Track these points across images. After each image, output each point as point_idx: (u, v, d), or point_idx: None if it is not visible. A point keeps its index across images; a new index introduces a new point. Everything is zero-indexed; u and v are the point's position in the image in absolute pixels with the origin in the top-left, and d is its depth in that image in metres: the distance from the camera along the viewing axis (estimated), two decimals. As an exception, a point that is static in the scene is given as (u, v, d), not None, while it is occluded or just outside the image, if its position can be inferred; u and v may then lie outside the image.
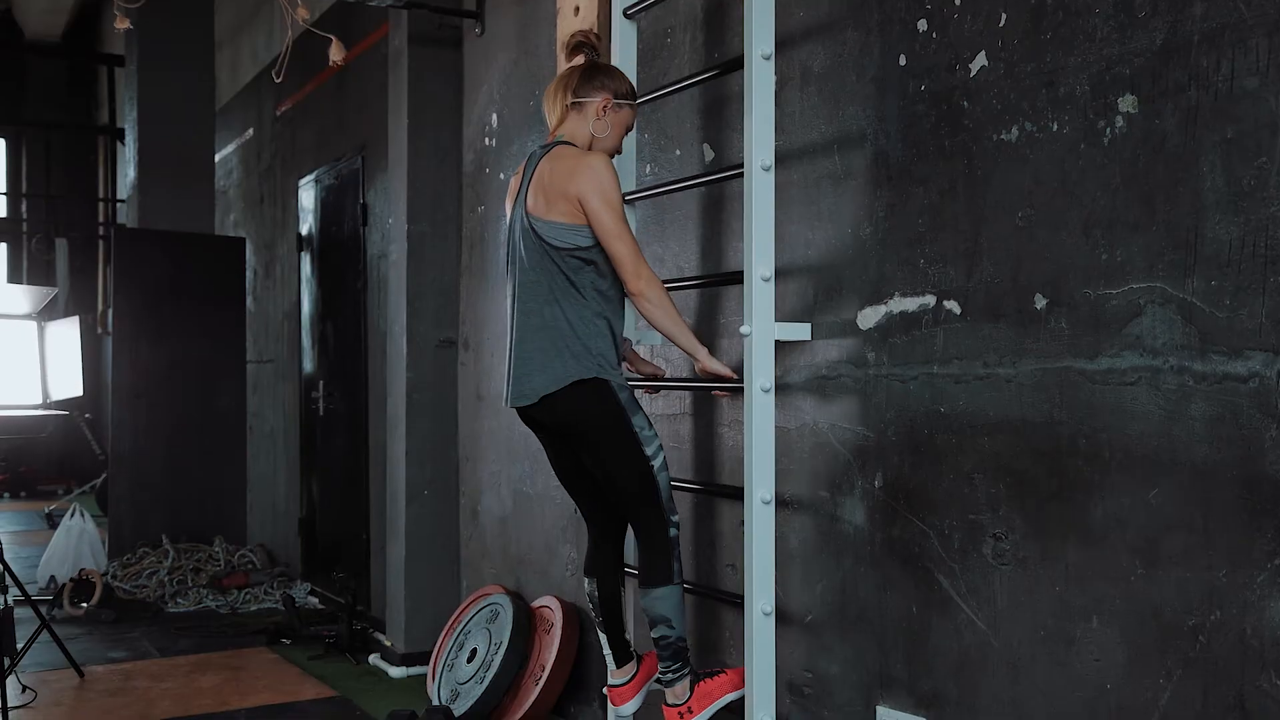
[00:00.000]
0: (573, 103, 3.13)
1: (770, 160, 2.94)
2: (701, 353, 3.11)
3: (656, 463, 3.01)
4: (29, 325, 5.32)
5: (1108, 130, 2.30)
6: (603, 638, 3.28)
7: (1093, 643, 2.31)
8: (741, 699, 3.01)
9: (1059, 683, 2.38)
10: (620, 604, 3.24)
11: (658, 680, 3.14)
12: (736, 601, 3.02)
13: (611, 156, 3.13)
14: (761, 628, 2.93)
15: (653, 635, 3.10)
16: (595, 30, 3.30)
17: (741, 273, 2.99)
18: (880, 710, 2.82)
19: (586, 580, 3.27)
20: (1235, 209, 2.07)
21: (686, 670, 3.07)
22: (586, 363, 2.97)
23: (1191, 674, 2.13)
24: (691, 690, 3.07)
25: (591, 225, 2.98)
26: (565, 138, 3.12)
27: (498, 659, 4.11)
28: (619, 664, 3.24)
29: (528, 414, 3.12)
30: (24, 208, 15.09)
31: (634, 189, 3.54)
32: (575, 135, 3.12)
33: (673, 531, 3.03)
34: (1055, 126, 2.40)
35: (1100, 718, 2.30)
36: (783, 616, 3.07)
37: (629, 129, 3.23)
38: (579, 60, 3.24)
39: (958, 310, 2.63)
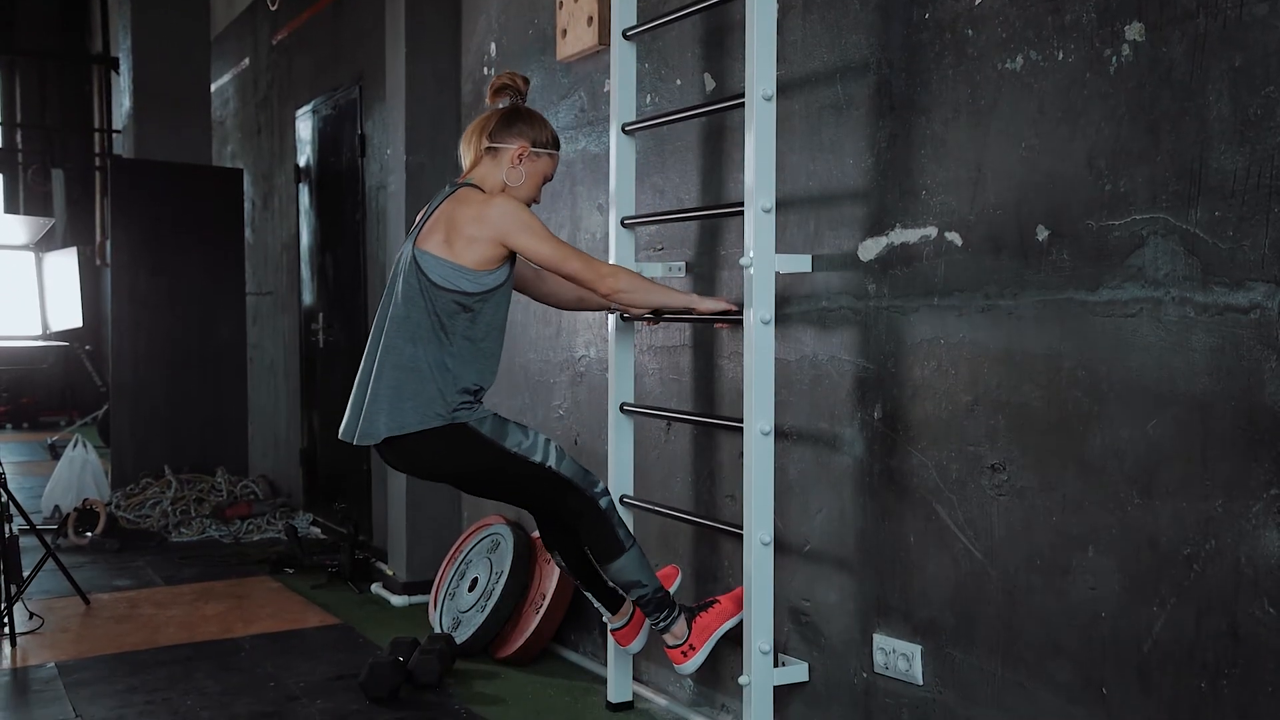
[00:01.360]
0: (488, 147, 3.06)
1: (772, 90, 2.91)
2: (694, 301, 3.10)
3: (551, 460, 2.98)
4: (27, 256, 5.30)
5: (1114, 59, 2.27)
6: (588, 595, 3.31)
7: (1088, 572, 2.34)
8: (739, 625, 3.06)
9: (1054, 611, 2.41)
10: (590, 562, 3.23)
11: (654, 628, 3.18)
12: (736, 532, 3.04)
13: (528, 205, 3.06)
14: (760, 557, 2.96)
15: (630, 598, 3.14)
16: (524, 75, 3.23)
17: (742, 204, 2.97)
18: (877, 638, 2.86)
19: (551, 554, 3.28)
20: (1241, 139, 2.05)
21: (677, 612, 3.11)
22: (438, 408, 2.89)
23: (1185, 602, 2.16)
24: (689, 628, 3.12)
25: (533, 261, 2.96)
26: (475, 181, 3.05)
27: (499, 588, 4.15)
28: (613, 612, 3.28)
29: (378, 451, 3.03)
30: (19, 138, 14.97)
31: (634, 119, 3.50)
32: (485, 180, 3.05)
33: (603, 502, 3.03)
34: (1060, 55, 2.38)
35: (1094, 645, 2.33)
36: (781, 546, 3.10)
37: (548, 178, 3.14)
38: (502, 103, 3.14)
39: (959, 242, 2.62)
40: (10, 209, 14.24)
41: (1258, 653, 2.04)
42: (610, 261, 3.55)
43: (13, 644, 4.36)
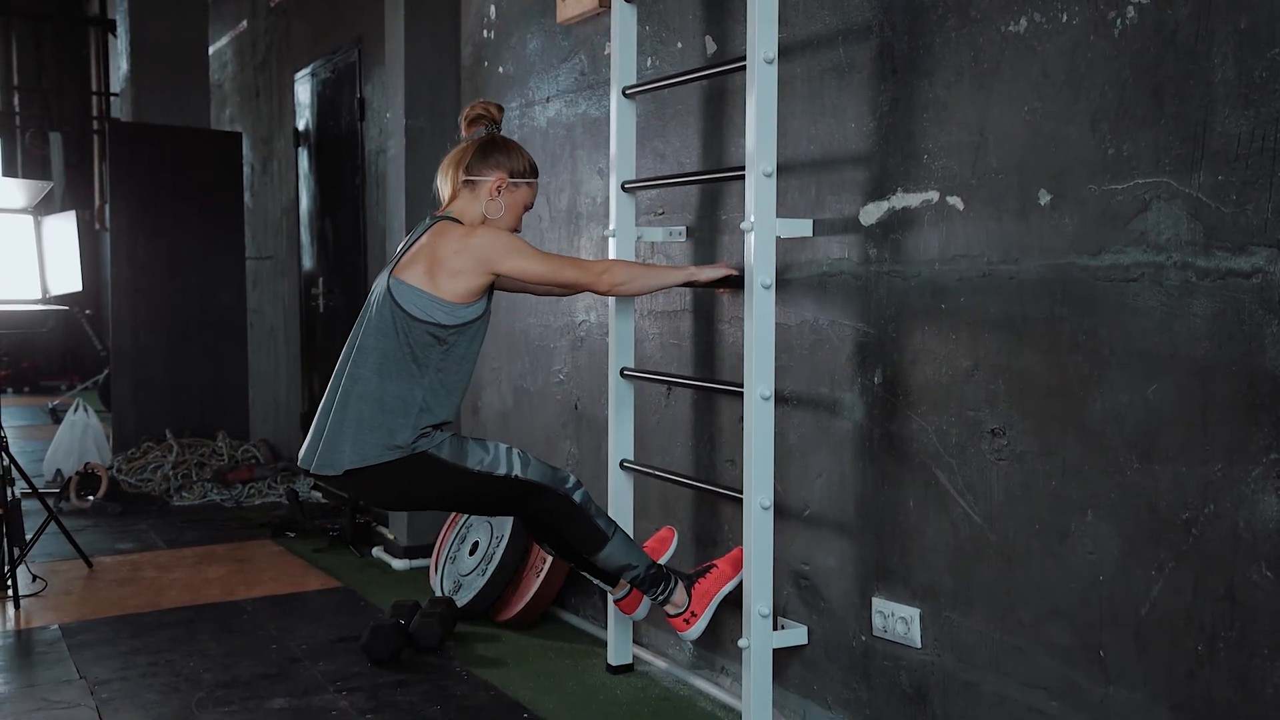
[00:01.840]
0: (465, 180, 3.03)
1: (773, 53, 2.89)
2: (694, 273, 3.10)
3: (516, 469, 2.97)
4: (25, 219, 5.28)
5: (1118, 21, 2.26)
6: (585, 575, 3.32)
7: (1087, 536, 2.35)
8: (739, 588, 3.07)
9: (1053, 575, 2.42)
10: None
11: (653, 602, 3.19)
12: (736, 496, 3.05)
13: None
14: (760, 522, 2.97)
15: (624, 580, 3.16)
16: (498, 103, 3.21)
17: (743, 168, 2.96)
18: (876, 601, 2.87)
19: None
20: (1245, 102, 2.04)
21: (674, 582, 3.13)
22: (400, 440, 2.86)
23: (1183, 566, 2.17)
24: (689, 595, 3.13)
25: (527, 280, 2.98)
26: (454, 214, 3.02)
27: (499, 552, 4.17)
28: (612, 586, 3.29)
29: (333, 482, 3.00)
30: (16, 101, 14.89)
31: (634, 83, 3.48)
32: (465, 213, 3.02)
33: (577, 496, 3.03)
34: (1065, 17, 2.36)
35: (1092, 608, 2.34)
36: (781, 511, 3.11)
37: (528, 207, 3.12)
38: (476, 133, 3.12)
39: (961, 206, 2.61)
40: (8, 172, 14.19)
41: (1255, 616, 2.05)
42: (610, 226, 3.54)
43: (16, 606, 4.38)
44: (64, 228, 5.37)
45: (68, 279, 5.34)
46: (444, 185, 3.09)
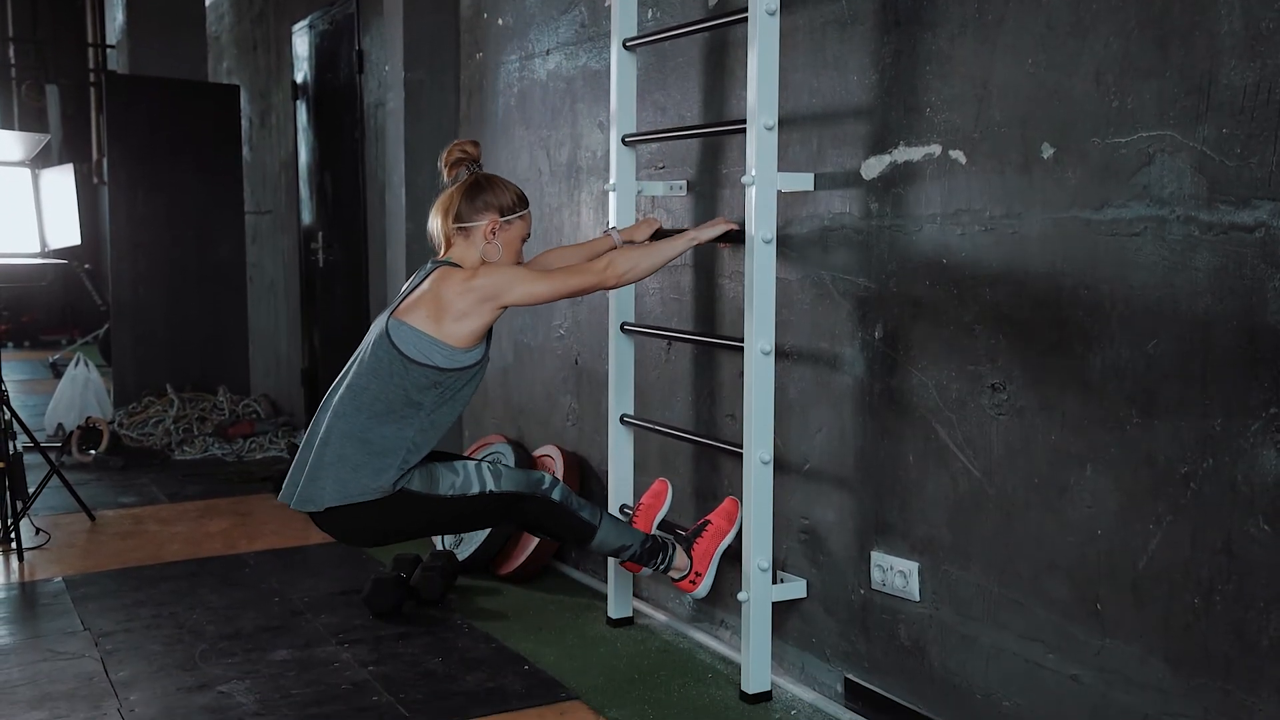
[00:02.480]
0: (458, 229, 3.00)
1: (775, 4, 2.86)
2: (692, 237, 3.08)
3: (489, 484, 2.97)
4: (23, 172, 5.25)
5: (1124, -28, 2.23)
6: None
7: (1086, 490, 2.35)
8: (738, 540, 3.09)
9: (1051, 529, 2.43)
10: None
11: (656, 572, 3.22)
12: (736, 450, 3.06)
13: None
14: (760, 476, 2.98)
15: (621, 561, 3.19)
16: (472, 139, 3.19)
17: (744, 121, 2.94)
18: (875, 555, 2.89)
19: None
20: (1252, 53, 2.02)
21: (672, 549, 3.15)
22: (385, 480, 2.87)
23: (1181, 519, 2.18)
24: (689, 557, 3.15)
25: (538, 303, 3.04)
26: (454, 260, 3.00)
27: (500, 505, 4.18)
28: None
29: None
30: (11, 52, 14.77)
31: (635, 34, 3.45)
32: (464, 259, 3.00)
33: (555, 495, 3.03)
34: (1070, -32, 2.33)
35: (1089, 562, 2.35)
36: (781, 465, 3.12)
37: (525, 238, 3.09)
38: (459, 175, 3.09)
39: (963, 160, 2.59)
40: (5, 124, 14.11)
41: (1251, 569, 2.06)
42: (610, 181, 3.53)
43: (20, 559, 4.41)
44: (62, 181, 5.34)
45: (66, 232, 5.33)
46: (437, 233, 3.07)
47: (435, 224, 3.06)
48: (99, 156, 12.07)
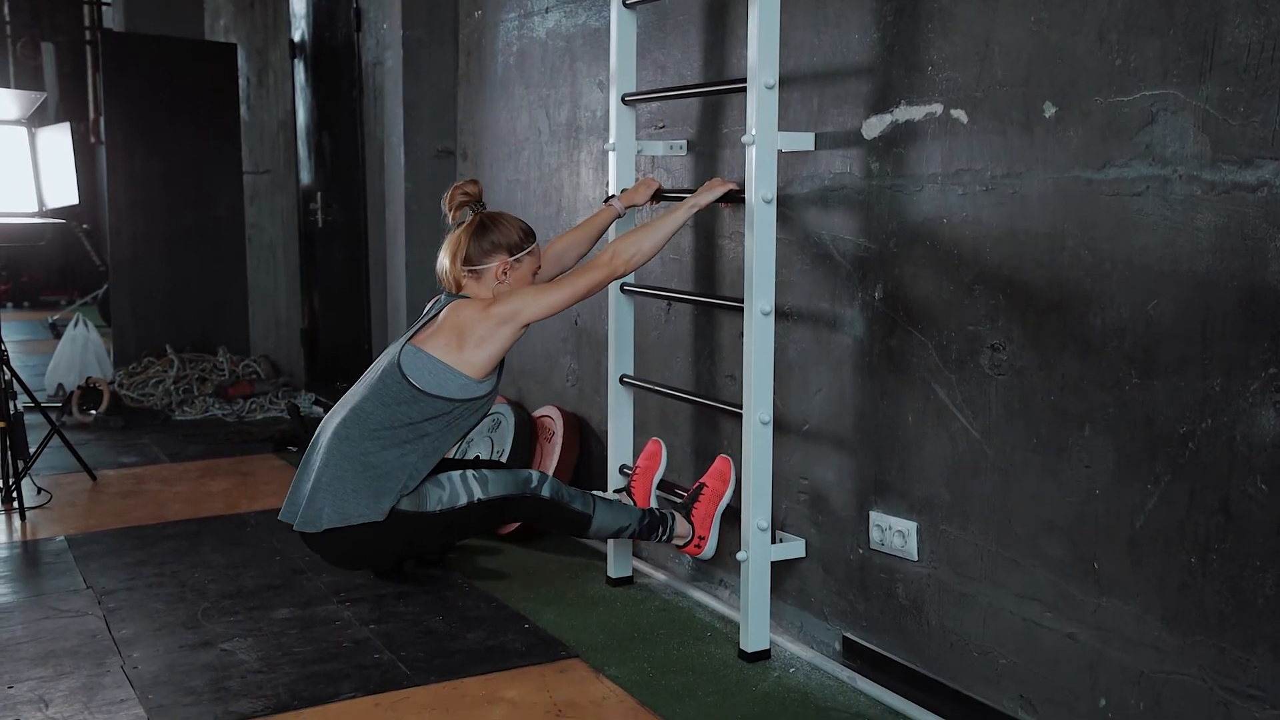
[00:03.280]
0: (468, 272, 3.07)
1: (777, -40, 2.83)
2: (692, 204, 3.09)
3: (477, 493, 3.02)
4: (19, 131, 5.22)
5: (1129, -72, 2.21)
6: None
7: (1084, 450, 2.36)
8: (736, 498, 3.10)
9: (1049, 488, 2.44)
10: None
11: (659, 543, 3.25)
12: (735, 411, 3.06)
13: None
14: (759, 436, 2.98)
15: (623, 539, 3.26)
16: (471, 178, 3.22)
17: (745, 80, 2.92)
18: (873, 515, 2.90)
19: None
20: (1257, 9, 2.00)
21: (672, 520, 3.19)
22: (385, 504, 2.93)
23: (1179, 479, 2.18)
24: (690, 523, 3.18)
25: (557, 312, 3.03)
26: (468, 295, 3.08)
27: (500, 466, 4.20)
28: None
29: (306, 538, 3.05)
30: (6, 10, 14.63)
31: (636, -9, 3.43)
32: (477, 295, 3.08)
33: (545, 491, 3.08)
34: (1075, -76, 2.31)
35: (1087, 521, 2.36)
36: (780, 425, 3.13)
37: (536, 271, 3.16)
38: (463, 216, 3.13)
39: (964, 119, 2.58)
40: (0, 83, 14.01)
41: (1247, 528, 2.07)
42: (610, 140, 3.51)
43: (22, 518, 4.43)
44: (59, 139, 5.31)
45: (64, 192, 5.30)
46: (446, 275, 3.12)
47: (444, 265, 3.12)
48: (96, 116, 11.99)
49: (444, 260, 3.12)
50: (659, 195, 3.41)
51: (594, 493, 3.25)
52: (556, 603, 3.52)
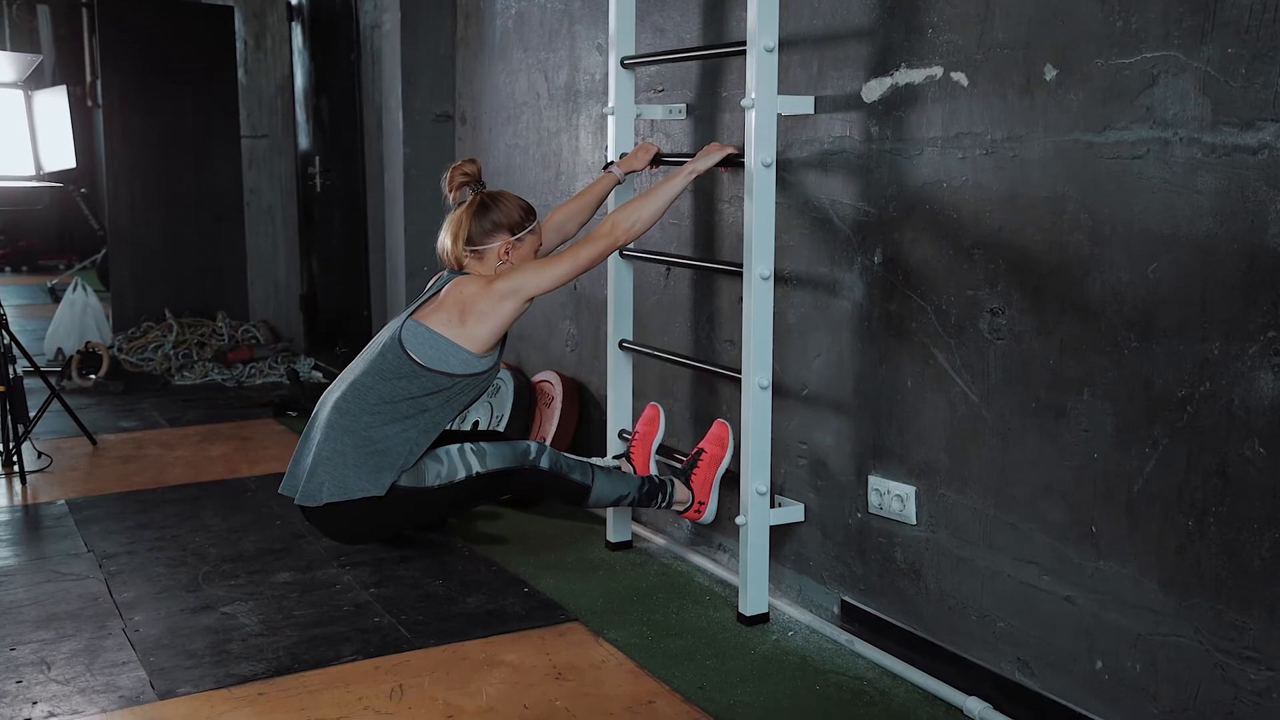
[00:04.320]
0: (470, 252, 3.07)
1: (777, -79, 2.81)
2: (690, 170, 3.07)
3: (475, 466, 3.03)
4: (15, 94, 5.19)
5: (1133, -113, 2.18)
6: None
7: (1083, 414, 2.36)
8: (735, 462, 3.11)
9: (1047, 452, 2.44)
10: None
11: (659, 509, 3.27)
12: (734, 376, 3.07)
13: None
14: (758, 401, 2.98)
15: (623, 507, 3.30)
16: (469, 158, 3.21)
17: (744, 43, 2.90)
18: (872, 479, 2.91)
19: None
20: (1260, -28, 1.99)
21: (671, 486, 3.20)
22: (385, 480, 2.94)
23: (1177, 443, 2.18)
24: (689, 489, 3.19)
25: (560, 286, 3.03)
26: (470, 273, 3.09)
27: (500, 431, 4.20)
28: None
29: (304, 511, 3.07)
30: (1, -27, 14.51)
31: (635, -48, 3.40)
32: (480, 274, 3.09)
33: (543, 463, 3.09)
34: (1078, -117, 2.28)
35: (1085, 485, 2.37)
36: (779, 390, 3.13)
37: (538, 250, 3.17)
38: (463, 195, 3.13)
39: (965, 82, 2.56)
40: (-4, 47, 13.92)
41: (1245, 491, 2.07)
42: (609, 104, 3.49)
43: (23, 482, 4.44)
44: (55, 103, 5.29)
45: (61, 155, 5.28)
46: (448, 254, 3.12)
47: (445, 246, 3.12)
48: (93, 79, 11.92)
49: (445, 241, 3.12)
50: (658, 160, 3.39)
51: (592, 460, 3.26)
52: (556, 567, 3.53)
